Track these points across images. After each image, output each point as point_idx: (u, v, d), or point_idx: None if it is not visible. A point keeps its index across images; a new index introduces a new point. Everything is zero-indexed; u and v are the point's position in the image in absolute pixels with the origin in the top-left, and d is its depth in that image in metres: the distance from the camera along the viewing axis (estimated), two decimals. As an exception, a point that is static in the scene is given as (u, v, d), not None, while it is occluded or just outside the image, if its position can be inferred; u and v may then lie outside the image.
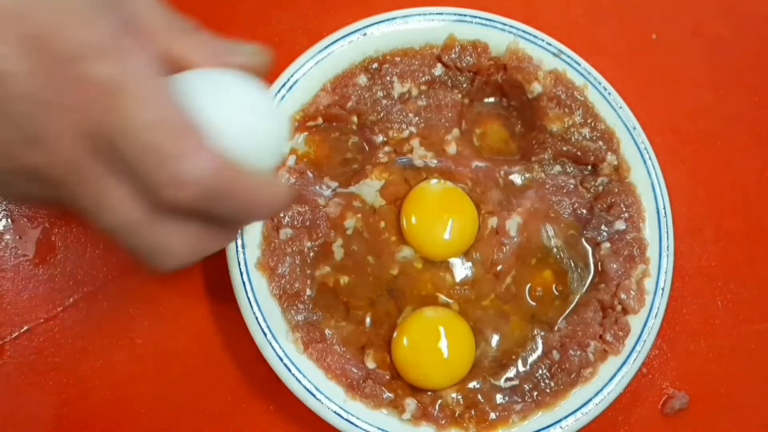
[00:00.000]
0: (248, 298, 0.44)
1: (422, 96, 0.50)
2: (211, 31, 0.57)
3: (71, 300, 0.48)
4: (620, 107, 0.49)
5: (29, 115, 0.27)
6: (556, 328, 0.47)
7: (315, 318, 0.46)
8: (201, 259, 0.32)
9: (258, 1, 0.54)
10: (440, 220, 0.47)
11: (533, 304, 0.48)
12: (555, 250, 0.48)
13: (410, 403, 0.44)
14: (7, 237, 0.49)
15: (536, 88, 0.49)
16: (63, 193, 0.29)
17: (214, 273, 0.49)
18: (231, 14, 0.54)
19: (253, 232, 0.46)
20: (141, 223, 0.30)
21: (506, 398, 0.45)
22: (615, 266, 0.47)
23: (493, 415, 0.45)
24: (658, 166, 0.49)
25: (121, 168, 0.28)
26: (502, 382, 0.46)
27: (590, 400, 0.45)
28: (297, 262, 0.46)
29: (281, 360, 0.44)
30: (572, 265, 0.48)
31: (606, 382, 0.45)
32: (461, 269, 0.48)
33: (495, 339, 0.47)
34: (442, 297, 0.47)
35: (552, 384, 0.46)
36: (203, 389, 0.48)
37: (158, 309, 0.48)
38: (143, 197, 0.29)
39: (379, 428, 0.43)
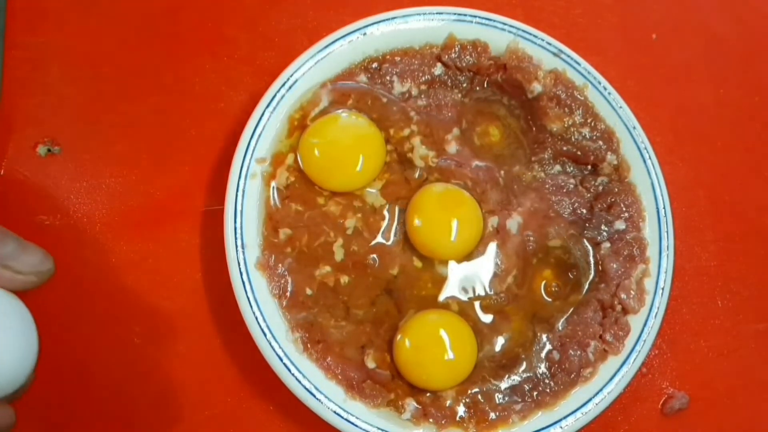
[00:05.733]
0: (248, 298, 0.44)
1: (422, 95, 0.50)
2: (210, 30, 0.57)
3: (71, 299, 0.48)
4: (620, 107, 0.49)
5: None
6: (556, 328, 0.47)
7: (315, 318, 0.46)
8: None
9: (258, 0, 0.54)
10: (447, 222, 0.47)
11: (549, 300, 0.48)
12: (556, 249, 0.48)
13: (410, 403, 0.44)
14: (7, 237, 0.48)
15: (536, 87, 0.49)
16: None
17: (214, 273, 0.49)
18: (231, 14, 0.54)
19: (253, 232, 0.46)
20: None
21: (506, 398, 0.45)
22: (615, 266, 0.47)
23: (492, 415, 0.45)
24: (658, 166, 0.49)
25: None
26: (502, 382, 0.46)
27: (590, 399, 0.45)
28: (297, 262, 0.46)
29: (281, 360, 0.44)
30: (574, 263, 0.48)
31: (606, 381, 0.45)
32: (461, 269, 0.48)
33: (495, 339, 0.47)
34: (442, 297, 0.47)
35: (552, 384, 0.46)
36: (203, 389, 0.48)
37: (158, 309, 0.48)
38: None
39: (378, 428, 0.43)
